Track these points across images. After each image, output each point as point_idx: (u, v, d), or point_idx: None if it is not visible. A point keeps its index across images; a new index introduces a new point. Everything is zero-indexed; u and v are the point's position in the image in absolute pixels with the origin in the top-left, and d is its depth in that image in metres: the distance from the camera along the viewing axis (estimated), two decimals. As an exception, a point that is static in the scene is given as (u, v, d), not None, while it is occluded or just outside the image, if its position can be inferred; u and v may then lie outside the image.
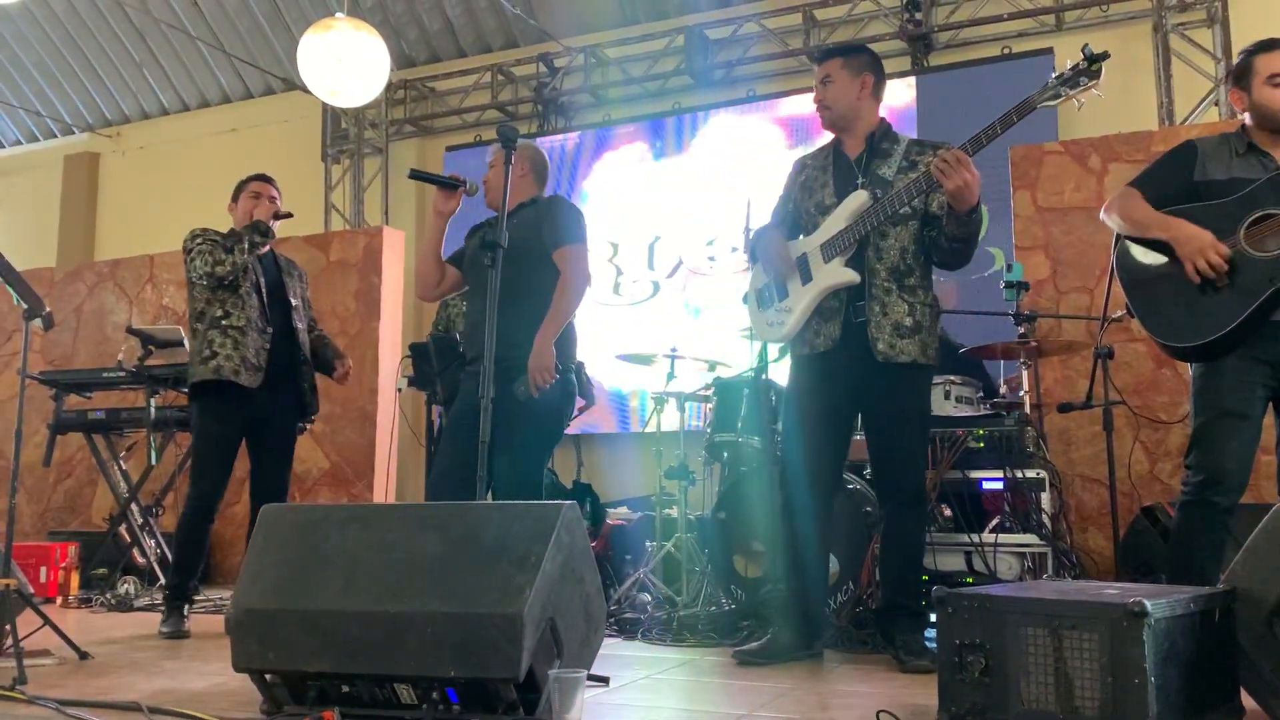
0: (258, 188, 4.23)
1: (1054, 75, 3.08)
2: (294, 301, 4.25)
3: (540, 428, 3.43)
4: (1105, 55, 3.01)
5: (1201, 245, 2.91)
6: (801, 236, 3.40)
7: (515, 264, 3.31)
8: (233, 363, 3.98)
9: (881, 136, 3.38)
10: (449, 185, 3.41)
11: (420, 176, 3.49)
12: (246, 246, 4.03)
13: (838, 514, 3.84)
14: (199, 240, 4.07)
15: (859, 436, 3.79)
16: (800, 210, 3.44)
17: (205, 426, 4.09)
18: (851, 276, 3.24)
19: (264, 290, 4.13)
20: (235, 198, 4.28)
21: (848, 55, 3.43)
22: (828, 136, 3.53)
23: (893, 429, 3.30)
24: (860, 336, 3.24)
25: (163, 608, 4.10)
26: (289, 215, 4.24)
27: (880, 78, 3.41)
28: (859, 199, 3.25)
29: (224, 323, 4.03)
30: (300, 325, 4.25)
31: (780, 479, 3.50)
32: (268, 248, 4.15)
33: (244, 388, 3.99)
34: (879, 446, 3.36)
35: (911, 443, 3.34)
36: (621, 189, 7.38)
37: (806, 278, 3.33)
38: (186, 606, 4.05)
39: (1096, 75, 3.01)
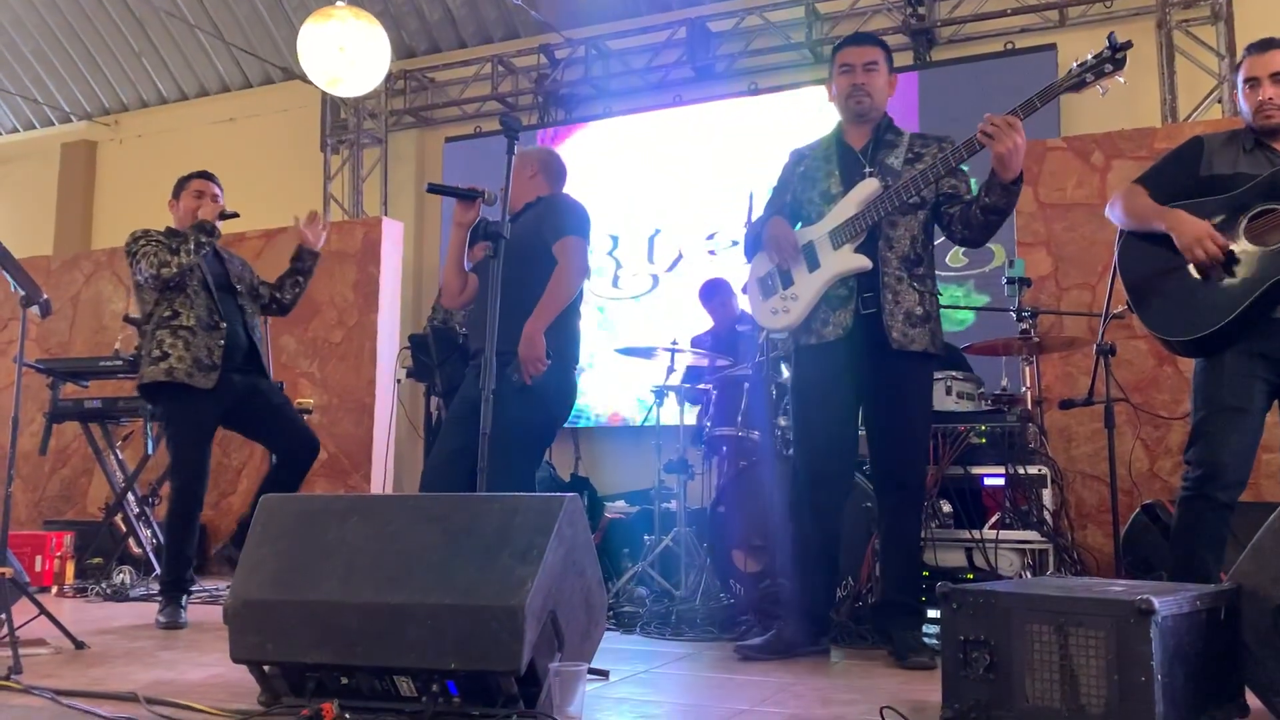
0: (200, 186, 4.19)
1: (1077, 63, 3.03)
2: (239, 289, 4.21)
3: (534, 421, 3.42)
4: (1129, 44, 2.99)
5: (1198, 234, 2.91)
6: (801, 225, 3.37)
7: (519, 261, 3.32)
8: (185, 364, 3.97)
9: (886, 128, 3.37)
10: (468, 196, 3.38)
11: (439, 190, 3.47)
12: (192, 247, 3.99)
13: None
14: (142, 242, 4.05)
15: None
16: (801, 200, 3.40)
17: (176, 423, 4.08)
18: (863, 262, 3.21)
19: (212, 286, 4.10)
20: (176, 195, 4.25)
21: (888, 51, 3.42)
22: (825, 130, 3.51)
23: (899, 420, 3.27)
24: (871, 325, 3.22)
25: (159, 598, 4.08)
26: (234, 215, 4.16)
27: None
28: (870, 186, 3.22)
29: (173, 323, 4.01)
30: (249, 309, 4.22)
31: (792, 474, 3.44)
32: (210, 248, 4.09)
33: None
34: (883, 438, 3.31)
35: (917, 435, 3.33)
36: (621, 182, 7.36)
37: (814, 265, 3.29)
38: (184, 597, 4.03)
39: (1121, 64, 2.98)
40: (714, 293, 5.67)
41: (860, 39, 3.48)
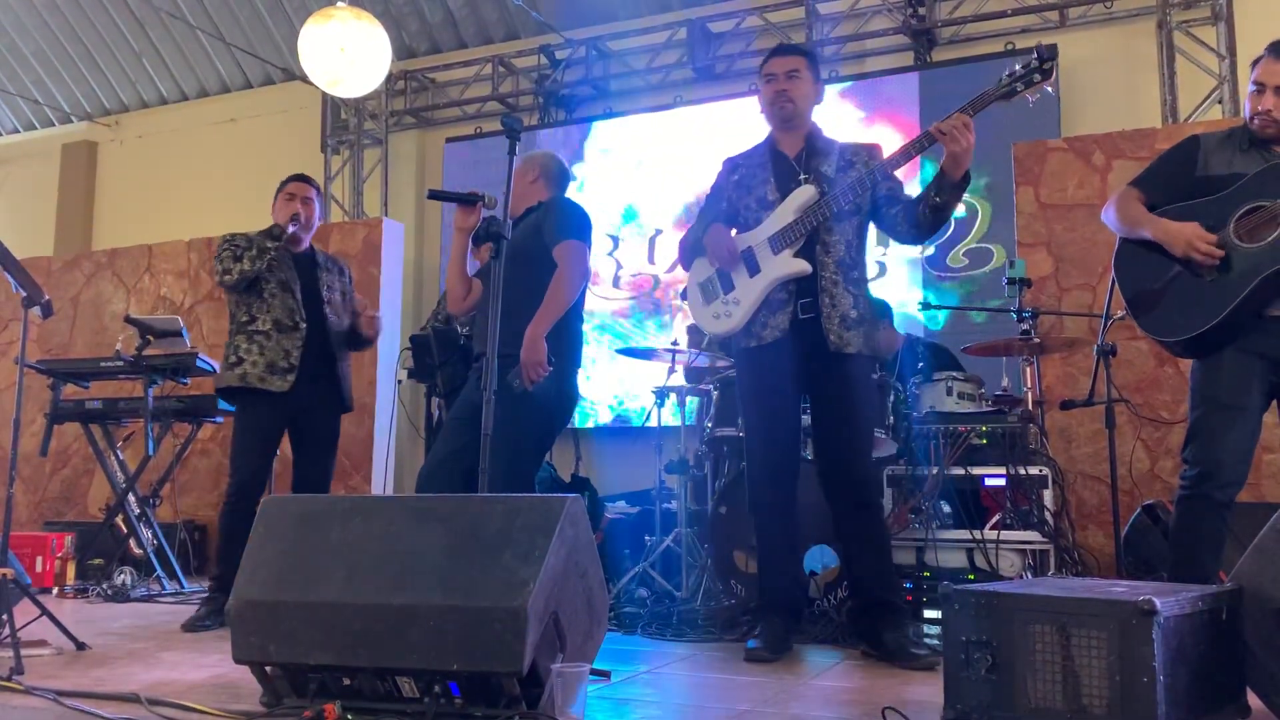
0: (292, 189, 4.20)
1: (1007, 73, 3.14)
2: (326, 295, 4.20)
3: (535, 424, 3.42)
4: (1054, 55, 3.10)
5: (1187, 239, 2.93)
6: (736, 231, 3.43)
7: (520, 264, 3.33)
8: (258, 369, 4.01)
9: (817, 136, 3.47)
10: (468, 201, 3.38)
11: (439, 196, 3.47)
12: (255, 253, 4.02)
13: (840, 511, 3.83)
14: (222, 247, 4.11)
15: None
16: (737, 207, 3.47)
17: (242, 420, 4.14)
18: (803, 266, 3.28)
19: (295, 288, 4.11)
20: (276, 195, 4.25)
21: (810, 58, 3.49)
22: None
23: (842, 419, 3.33)
24: (809, 328, 3.29)
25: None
26: (298, 221, 4.08)
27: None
28: (807, 192, 3.31)
29: (249, 327, 4.07)
30: (334, 319, 4.21)
31: (747, 475, 3.51)
32: (275, 253, 4.08)
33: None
34: (831, 441, 3.38)
35: (863, 433, 3.41)
36: (622, 183, 7.36)
37: (754, 270, 3.36)
38: (219, 605, 3.88)
39: (1048, 74, 3.08)
40: None
41: (783, 50, 3.57)
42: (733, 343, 3.51)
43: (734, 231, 3.44)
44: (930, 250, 6.26)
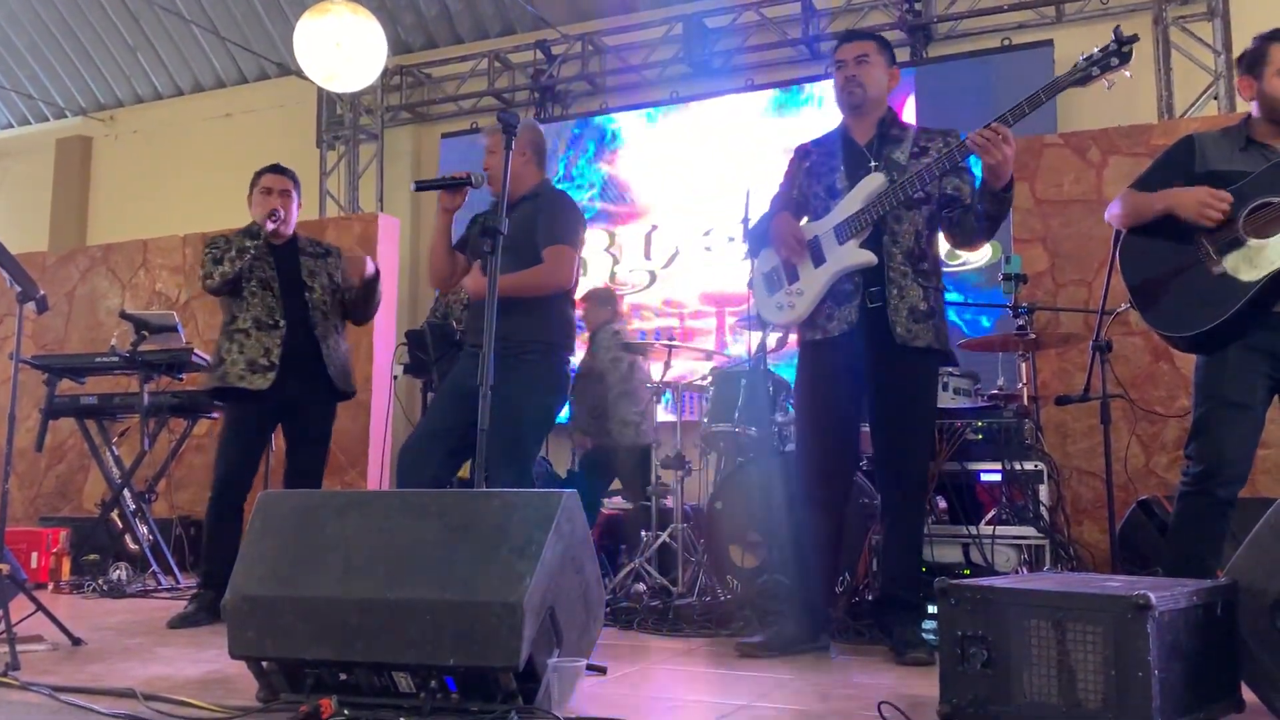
0: (267, 182, 4.12)
1: (1084, 56, 3.04)
2: (309, 283, 4.12)
3: (530, 410, 3.43)
4: (1135, 38, 3.00)
5: (1199, 198, 2.91)
6: (807, 220, 3.35)
7: (514, 255, 3.32)
8: (238, 368, 3.98)
9: (891, 123, 3.35)
10: (454, 187, 3.38)
11: (427, 186, 3.47)
12: (234, 254, 3.98)
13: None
14: (206, 251, 4.07)
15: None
16: (807, 195, 3.37)
17: (227, 419, 4.16)
18: (869, 257, 3.19)
19: (274, 285, 4.06)
20: (250, 187, 4.16)
21: (882, 43, 3.40)
22: (823, 127, 3.50)
23: (902, 415, 3.26)
24: (877, 320, 3.20)
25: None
26: (277, 218, 4.00)
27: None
28: (875, 181, 3.20)
29: (231, 327, 4.06)
30: (320, 311, 4.13)
31: (796, 469, 3.43)
32: (254, 251, 4.01)
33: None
34: (886, 433, 3.30)
35: (920, 431, 3.32)
36: (618, 178, 7.36)
37: (819, 260, 3.26)
38: (207, 601, 3.83)
39: (1127, 58, 2.99)
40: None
41: (852, 35, 3.49)
42: (796, 333, 3.42)
43: (804, 220, 3.35)
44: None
